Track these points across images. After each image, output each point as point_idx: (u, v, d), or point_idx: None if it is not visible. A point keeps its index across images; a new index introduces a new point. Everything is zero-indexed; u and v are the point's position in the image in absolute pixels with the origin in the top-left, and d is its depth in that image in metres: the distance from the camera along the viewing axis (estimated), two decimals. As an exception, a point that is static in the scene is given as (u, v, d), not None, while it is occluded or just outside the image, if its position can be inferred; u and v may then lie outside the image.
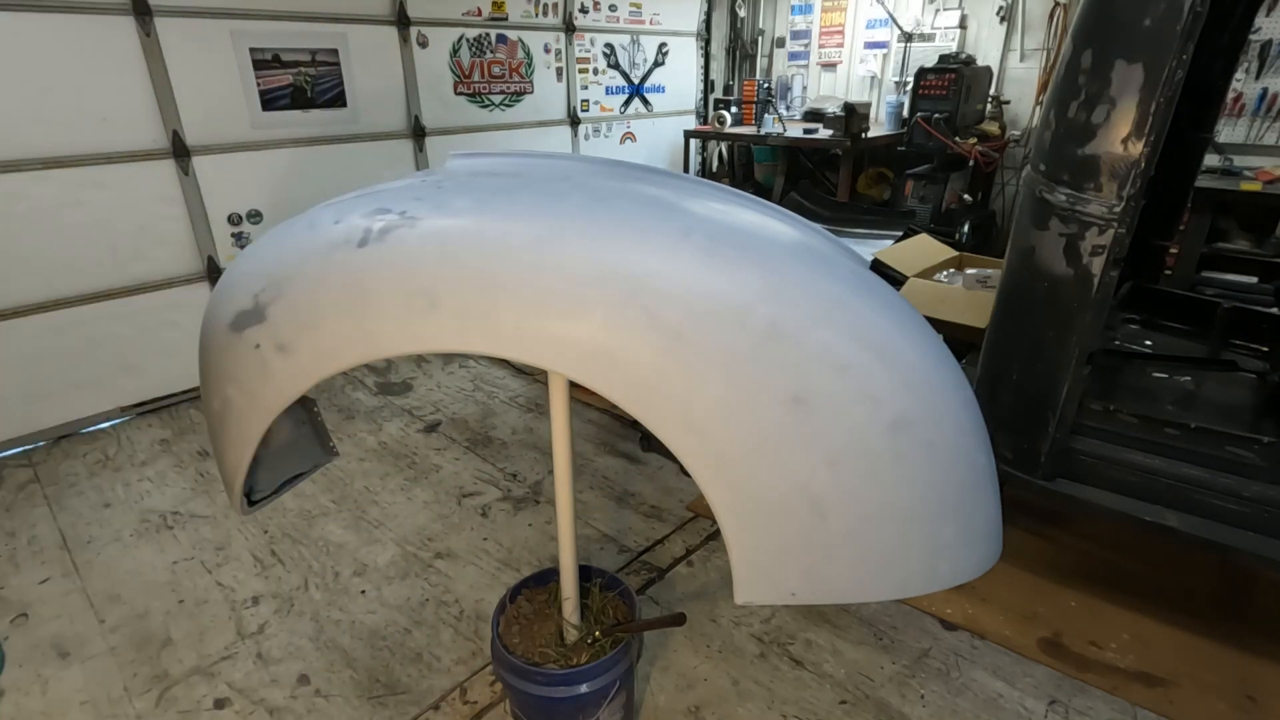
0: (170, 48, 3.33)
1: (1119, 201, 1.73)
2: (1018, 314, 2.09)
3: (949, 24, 5.41)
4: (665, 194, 1.47)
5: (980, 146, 4.86)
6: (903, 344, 1.24)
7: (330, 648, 2.19)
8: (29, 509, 2.88)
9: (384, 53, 4.21)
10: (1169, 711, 1.92)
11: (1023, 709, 1.94)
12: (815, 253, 1.39)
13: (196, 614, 2.33)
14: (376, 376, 4.10)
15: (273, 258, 1.31)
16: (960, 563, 1.31)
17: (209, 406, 1.39)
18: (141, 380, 3.61)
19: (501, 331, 1.16)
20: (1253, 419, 2.19)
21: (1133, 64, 1.65)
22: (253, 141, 3.75)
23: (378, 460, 3.25)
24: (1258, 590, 2.37)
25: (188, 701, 2.01)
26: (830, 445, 1.16)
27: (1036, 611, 2.26)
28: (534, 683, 1.56)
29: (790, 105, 6.22)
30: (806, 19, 6.33)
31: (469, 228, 1.22)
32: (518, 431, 3.51)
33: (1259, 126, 4.26)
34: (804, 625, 2.25)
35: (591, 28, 5.43)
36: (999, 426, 1.97)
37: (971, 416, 1.32)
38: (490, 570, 2.53)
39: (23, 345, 3.21)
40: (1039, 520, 2.64)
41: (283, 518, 2.82)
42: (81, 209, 3.24)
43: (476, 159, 1.64)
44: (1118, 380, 2.40)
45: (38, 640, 2.23)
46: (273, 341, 1.23)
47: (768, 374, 1.13)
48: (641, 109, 6.09)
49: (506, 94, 4.96)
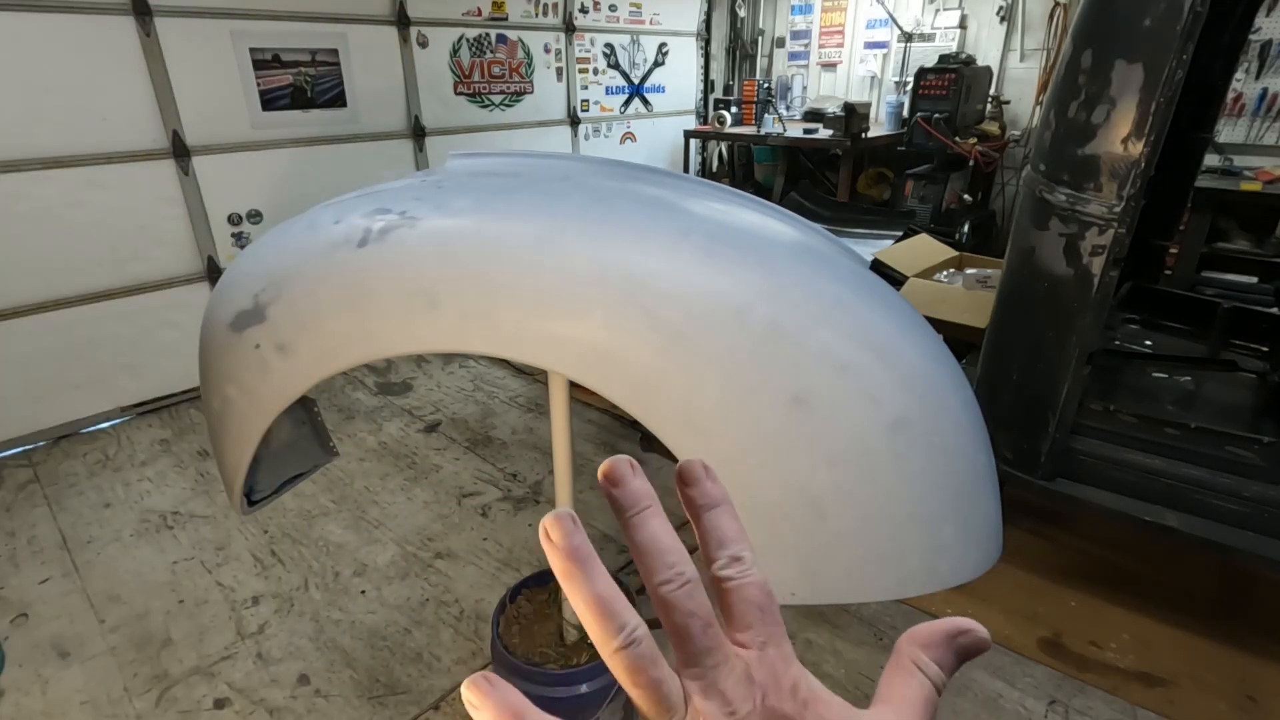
0: (170, 48, 3.33)
1: (1119, 201, 1.73)
2: (1018, 314, 2.09)
3: (949, 24, 5.41)
4: (665, 194, 1.47)
5: (980, 146, 4.86)
6: (903, 344, 1.24)
7: (330, 648, 2.19)
8: (29, 509, 2.88)
9: (384, 53, 4.21)
10: (1169, 711, 1.92)
11: (1023, 709, 1.94)
12: (815, 253, 1.39)
13: (196, 614, 2.33)
14: (376, 376, 4.10)
15: (273, 258, 1.31)
16: (960, 563, 1.31)
17: (209, 406, 1.39)
18: (141, 380, 3.61)
19: (501, 331, 1.16)
20: (1253, 419, 2.19)
21: (1133, 64, 1.65)
22: (253, 141, 3.74)
23: (378, 460, 3.25)
24: (1258, 590, 2.37)
25: (188, 701, 2.01)
26: (830, 445, 1.16)
27: (1036, 611, 2.26)
28: (534, 683, 1.56)
29: (790, 105, 6.21)
30: (806, 19, 6.33)
31: (469, 228, 1.22)
32: (518, 431, 3.51)
33: (1259, 126, 4.26)
34: (804, 625, 2.25)
35: (591, 28, 5.43)
36: (999, 426, 1.97)
37: (971, 416, 1.32)
38: (490, 570, 2.53)
39: (23, 345, 3.21)
40: (1039, 520, 2.64)
41: (283, 518, 2.82)
42: (81, 209, 3.24)
43: (476, 159, 1.64)
44: (1118, 380, 2.40)
45: (38, 640, 2.23)
46: (273, 341, 1.23)
47: (767, 374, 1.13)
48: (641, 109, 6.09)
49: (506, 94, 4.96)
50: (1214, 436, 1.95)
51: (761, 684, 0.28)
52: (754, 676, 0.28)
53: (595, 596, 0.27)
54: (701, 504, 0.31)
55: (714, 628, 0.28)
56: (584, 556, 0.28)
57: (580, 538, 0.28)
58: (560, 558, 0.28)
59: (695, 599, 0.28)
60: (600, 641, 0.28)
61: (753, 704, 0.28)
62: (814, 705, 0.29)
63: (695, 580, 0.28)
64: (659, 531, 0.29)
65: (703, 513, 0.30)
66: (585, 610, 0.28)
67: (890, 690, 0.31)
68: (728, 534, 0.30)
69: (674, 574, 0.28)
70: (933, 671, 0.31)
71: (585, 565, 0.28)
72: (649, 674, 0.27)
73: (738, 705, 0.27)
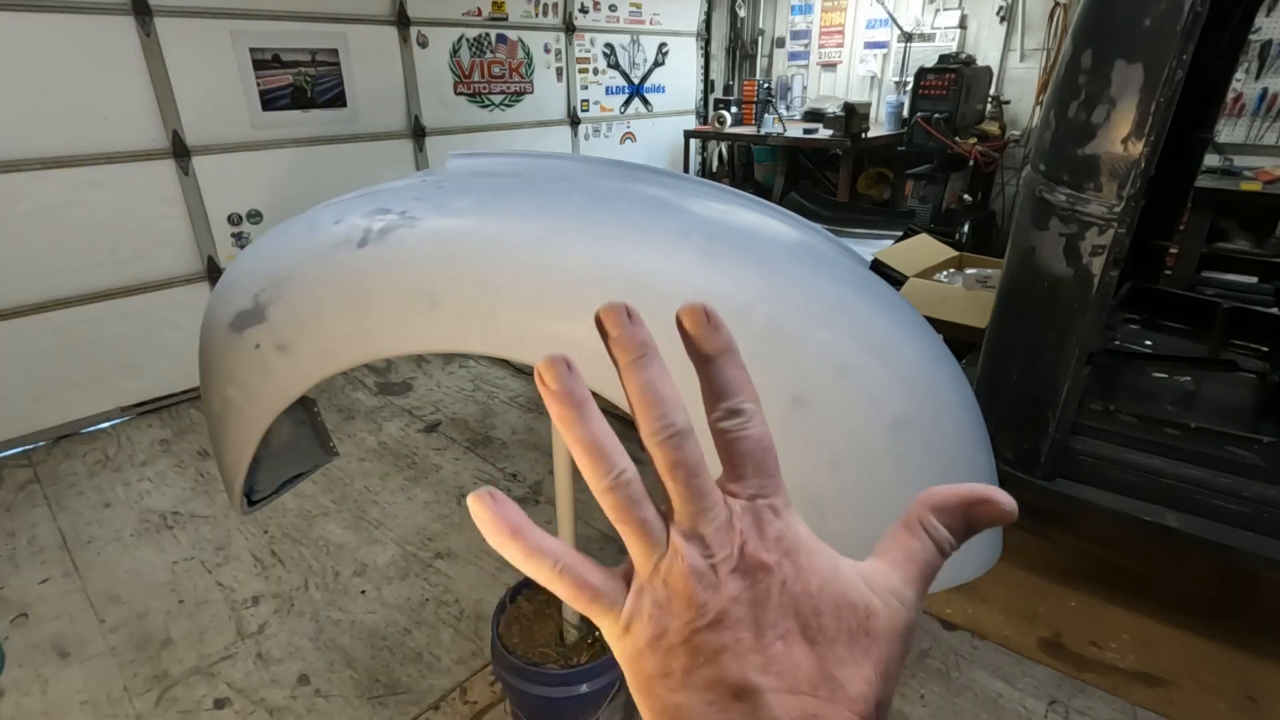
0: (170, 48, 3.33)
1: (1119, 201, 1.73)
2: (1018, 314, 2.09)
3: (949, 24, 5.41)
4: (665, 194, 1.47)
5: (980, 146, 4.86)
6: (903, 344, 1.24)
7: (330, 648, 2.19)
8: (29, 509, 2.88)
9: (384, 53, 4.21)
10: (1169, 711, 1.92)
11: (1023, 709, 1.94)
12: (815, 253, 1.39)
13: (196, 614, 2.33)
14: (376, 376, 4.10)
15: (273, 258, 1.31)
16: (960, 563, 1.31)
17: (209, 406, 1.39)
18: (141, 380, 3.61)
19: (501, 331, 1.16)
20: (1253, 419, 2.18)
21: (1133, 64, 1.65)
22: (253, 141, 3.74)
23: (378, 460, 3.25)
24: (1258, 590, 2.37)
25: (188, 701, 2.01)
26: (830, 445, 1.16)
27: (1036, 611, 2.26)
28: (534, 683, 1.56)
29: (790, 105, 6.21)
30: (806, 19, 6.33)
31: (469, 228, 1.22)
32: (518, 431, 3.51)
33: (1259, 126, 4.26)
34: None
35: (591, 28, 5.43)
36: (999, 426, 1.97)
37: (971, 416, 1.32)
38: (490, 570, 2.53)
39: (23, 345, 3.21)
40: (1039, 520, 2.64)
41: (283, 518, 2.82)
42: (81, 209, 3.24)
43: (476, 159, 1.64)
44: (1118, 380, 2.40)
45: (38, 640, 2.23)
46: (273, 341, 1.23)
47: (767, 374, 1.13)
48: (641, 109, 6.09)
49: (506, 94, 4.96)
50: (1214, 436, 1.95)
51: (743, 532, 0.28)
52: (736, 525, 0.28)
53: (590, 439, 0.28)
54: (705, 351, 0.30)
55: (700, 477, 0.28)
56: (579, 400, 0.28)
57: (575, 381, 0.28)
58: (556, 401, 0.28)
59: (683, 449, 0.28)
60: (592, 481, 0.28)
61: (730, 550, 0.28)
62: (795, 555, 0.29)
63: (685, 431, 0.29)
64: (654, 380, 0.29)
65: (705, 362, 0.30)
66: (579, 451, 0.28)
67: (890, 545, 0.30)
68: (729, 385, 0.30)
69: (663, 424, 0.28)
70: (940, 535, 0.30)
71: (580, 409, 0.28)
72: (635, 513, 0.28)
73: (715, 550, 0.28)
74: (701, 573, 0.28)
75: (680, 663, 0.28)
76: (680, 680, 0.28)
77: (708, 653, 0.27)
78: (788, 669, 0.27)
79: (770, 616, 0.28)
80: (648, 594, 0.29)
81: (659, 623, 0.28)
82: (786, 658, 0.27)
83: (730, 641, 0.27)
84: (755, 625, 0.28)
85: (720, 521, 0.28)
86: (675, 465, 0.28)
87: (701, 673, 0.27)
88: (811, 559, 0.29)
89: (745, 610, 0.28)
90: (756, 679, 0.27)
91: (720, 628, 0.27)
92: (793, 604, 0.28)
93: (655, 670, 0.28)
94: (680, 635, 0.28)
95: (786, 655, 0.27)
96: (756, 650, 0.27)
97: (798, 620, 0.28)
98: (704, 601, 0.28)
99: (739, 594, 0.28)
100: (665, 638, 0.28)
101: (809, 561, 0.29)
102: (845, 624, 0.28)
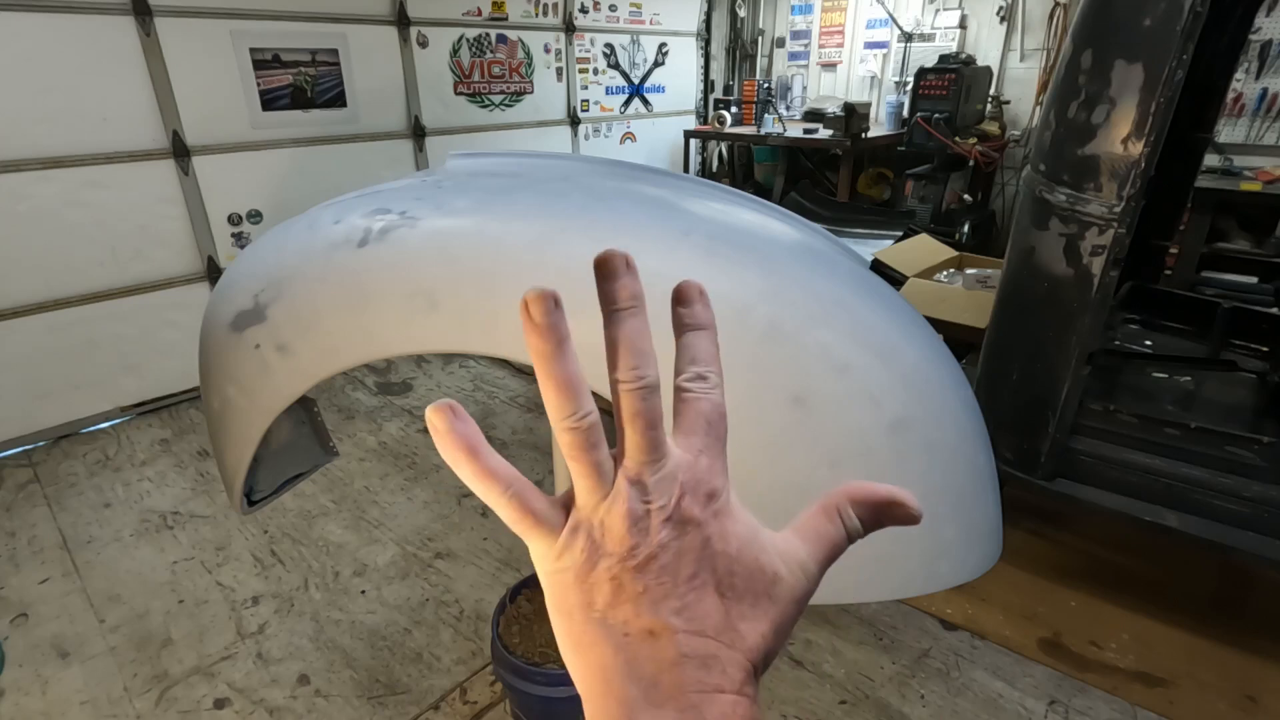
0: (170, 48, 3.33)
1: (1119, 201, 1.73)
2: (1018, 314, 2.09)
3: (949, 24, 5.41)
4: (665, 194, 1.47)
5: (980, 146, 4.86)
6: (903, 344, 1.24)
7: (330, 648, 2.19)
8: (29, 509, 2.88)
9: (384, 53, 4.21)
10: (1169, 711, 1.92)
11: (1023, 709, 1.94)
12: (815, 253, 1.39)
13: (196, 614, 2.33)
14: (376, 376, 4.10)
15: (273, 258, 1.31)
16: (960, 563, 1.31)
17: (209, 406, 1.39)
18: (141, 380, 3.61)
19: (501, 331, 1.16)
20: (1253, 419, 2.19)
21: (1133, 64, 1.65)
22: (253, 141, 3.74)
23: (378, 460, 3.25)
24: (1258, 590, 2.37)
25: (188, 701, 2.01)
26: (830, 445, 1.16)
27: (1036, 611, 2.26)
28: (534, 683, 1.56)
29: (790, 105, 6.21)
30: (806, 19, 6.33)
31: (469, 228, 1.22)
32: (518, 431, 3.51)
33: (1259, 126, 4.26)
34: (804, 625, 2.25)
35: (591, 28, 5.43)
36: (999, 426, 1.97)
37: (971, 416, 1.32)
38: (490, 570, 2.53)
39: (23, 345, 3.21)
40: (1039, 520, 2.64)
41: (283, 518, 2.82)
42: (81, 209, 3.24)
43: (476, 159, 1.64)
44: (1118, 380, 2.40)
45: (38, 640, 2.23)
46: (273, 341, 1.23)
47: (768, 374, 1.13)
48: (641, 109, 6.09)
49: (506, 94, 4.96)
50: (1214, 436, 1.95)
51: (683, 485, 0.30)
52: (679, 477, 0.30)
53: (563, 375, 0.29)
54: (687, 323, 0.32)
55: (657, 430, 0.30)
56: (560, 337, 0.29)
57: (558, 317, 0.29)
58: (536, 335, 0.29)
59: (649, 401, 0.30)
60: (556, 417, 0.29)
61: (668, 500, 0.30)
62: (722, 517, 0.31)
63: (653, 386, 0.30)
64: (636, 332, 0.30)
65: (686, 330, 0.32)
66: (550, 386, 0.29)
67: (806, 524, 0.33)
68: (701, 354, 0.32)
69: (634, 375, 0.30)
70: (852, 524, 0.33)
71: (560, 346, 0.29)
72: (589, 454, 0.30)
73: (655, 497, 0.30)
74: (638, 517, 0.30)
75: (604, 596, 0.30)
76: (601, 612, 0.30)
77: (631, 591, 0.29)
78: (698, 615, 0.29)
79: (691, 567, 0.30)
80: (584, 529, 0.30)
81: (590, 557, 0.30)
82: (699, 605, 0.30)
83: (653, 584, 0.29)
84: (676, 572, 0.30)
85: (665, 472, 0.30)
86: (637, 414, 0.30)
87: (622, 608, 0.29)
88: (735, 524, 0.31)
89: (671, 558, 0.30)
90: (670, 620, 0.29)
91: (646, 570, 0.29)
92: (712, 560, 0.30)
93: (578, 600, 0.30)
94: (609, 572, 0.30)
95: (699, 603, 0.30)
96: (674, 595, 0.29)
97: (714, 575, 0.30)
98: (636, 544, 0.29)
99: (667, 542, 0.30)
100: (594, 572, 0.30)
101: (733, 526, 0.31)
102: (754, 585, 0.31)
